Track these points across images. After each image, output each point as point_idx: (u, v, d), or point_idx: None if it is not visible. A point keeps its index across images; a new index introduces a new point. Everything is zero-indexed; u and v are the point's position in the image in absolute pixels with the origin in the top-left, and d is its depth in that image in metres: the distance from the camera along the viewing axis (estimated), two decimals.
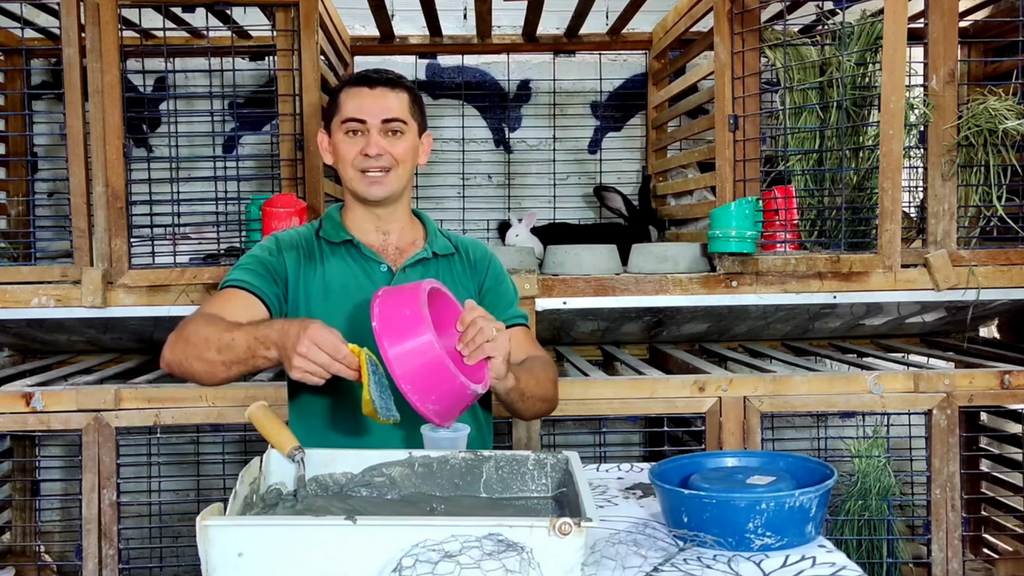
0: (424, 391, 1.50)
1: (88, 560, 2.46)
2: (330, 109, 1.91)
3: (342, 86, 1.91)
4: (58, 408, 2.46)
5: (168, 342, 1.73)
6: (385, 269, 1.87)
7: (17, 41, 3.06)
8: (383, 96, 1.85)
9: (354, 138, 1.85)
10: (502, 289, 1.98)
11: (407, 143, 1.87)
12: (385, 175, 1.85)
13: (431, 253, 1.92)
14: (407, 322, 1.50)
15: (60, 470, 3.48)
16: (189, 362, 1.69)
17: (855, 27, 2.62)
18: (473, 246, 2.01)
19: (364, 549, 1.17)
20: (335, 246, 1.89)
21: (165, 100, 3.50)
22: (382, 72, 1.89)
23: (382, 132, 1.84)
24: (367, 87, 1.86)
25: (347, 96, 1.87)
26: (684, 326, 3.13)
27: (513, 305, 1.99)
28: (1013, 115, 2.53)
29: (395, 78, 1.89)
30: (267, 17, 2.75)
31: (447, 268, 1.93)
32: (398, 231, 1.93)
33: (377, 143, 1.83)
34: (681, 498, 1.47)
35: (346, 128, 1.85)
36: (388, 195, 1.88)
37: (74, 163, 2.56)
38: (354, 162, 1.85)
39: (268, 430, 1.51)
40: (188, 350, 1.68)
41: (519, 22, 3.51)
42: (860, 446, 2.61)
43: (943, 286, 2.58)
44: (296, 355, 1.50)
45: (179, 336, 1.72)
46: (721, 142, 2.64)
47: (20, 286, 2.57)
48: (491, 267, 1.99)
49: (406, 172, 1.89)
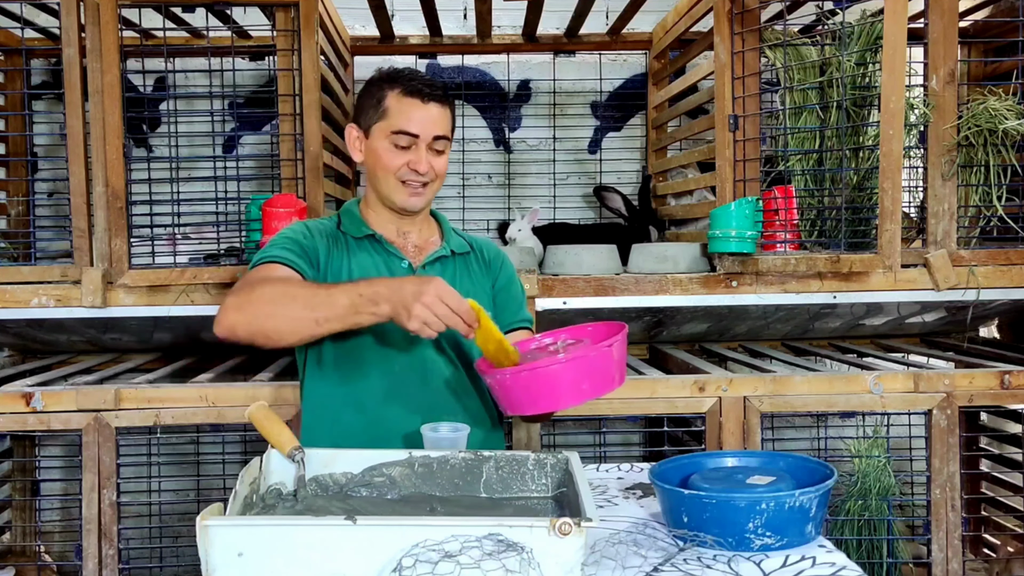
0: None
1: (88, 560, 2.46)
2: (370, 107, 1.86)
3: (389, 87, 1.85)
4: (58, 408, 2.46)
5: (228, 307, 1.68)
6: (406, 265, 1.89)
7: (17, 41, 3.06)
8: (435, 112, 1.83)
9: (401, 151, 1.83)
10: (513, 290, 2.00)
11: (446, 158, 1.89)
12: (424, 188, 1.86)
13: (449, 251, 1.93)
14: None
15: (60, 470, 3.48)
16: (267, 320, 1.64)
17: (855, 27, 2.62)
18: (486, 245, 2.03)
19: (364, 549, 1.17)
20: (358, 240, 1.90)
21: (165, 100, 3.50)
22: (433, 85, 1.85)
23: (429, 148, 1.84)
24: (420, 100, 1.82)
25: (398, 104, 1.83)
26: (684, 326, 3.13)
27: (522, 308, 2.00)
28: (1013, 115, 2.53)
29: (443, 92, 1.86)
30: (267, 17, 2.75)
31: (463, 266, 1.94)
32: (417, 230, 1.95)
33: (427, 161, 1.83)
34: (681, 498, 1.47)
35: (395, 140, 1.82)
36: (425, 207, 1.91)
37: (74, 163, 2.56)
38: (398, 173, 1.84)
39: (268, 430, 1.52)
40: (265, 308, 1.65)
41: (519, 22, 3.51)
42: (860, 446, 2.61)
43: (943, 286, 2.58)
44: (420, 305, 1.54)
45: (247, 297, 1.68)
46: (721, 142, 2.64)
47: (20, 286, 2.57)
48: (504, 267, 2.02)
49: (440, 185, 1.91)
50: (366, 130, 1.87)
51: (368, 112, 1.86)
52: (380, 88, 1.86)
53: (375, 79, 1.88)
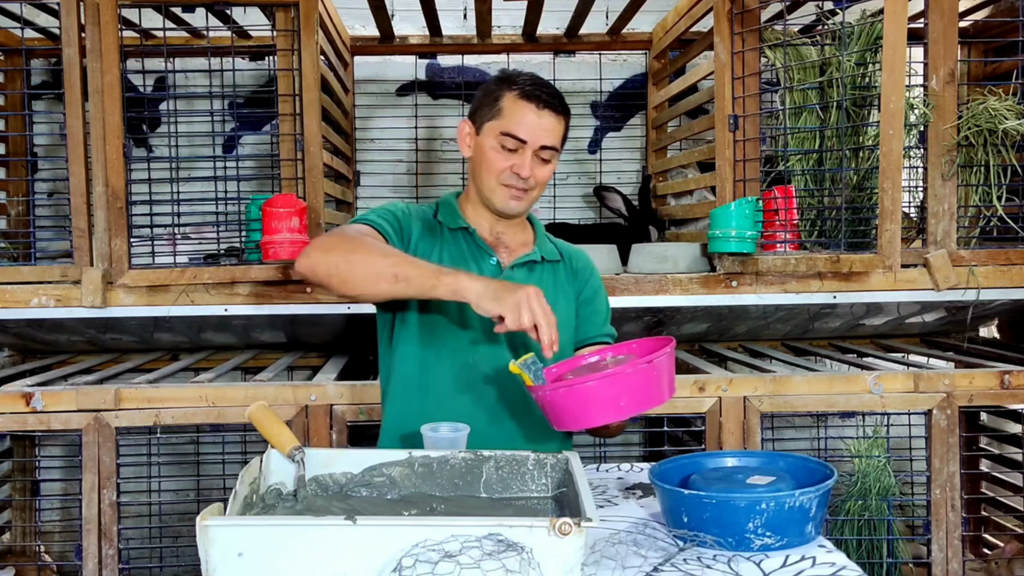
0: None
1: (88, 560, 2.46)
2: (486, 104, 1.86)
3: (508, 88, 1.85)
4: (58, 408, 2.46)
5: (315, 247, 1.72)
6: (495, 263, 1.89)
7: (17, 41, 3.06)
8: (548, 121, 1.82)
9: (508, 153, 1.83)
10: (598, 303, 2.00)
11: (551, 168, 1.88)
12: (524, 194, 1.86)
13: (539, 257, 1.93)
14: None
15: (60, 470, 3.48)
16: (349, 265, 1.67)
17: (855, 27, 2.62)
18: (577, 255, 2.03)
19: (364, 549, 1.17)
20: (452, 231, 1.91)
21: (165, 100, 3.50)
22: (552, 94, 1.84)
23: (535, 155, 1.83)
24: (535, 106, 1.81)
25: (513, 106, 1.82)
26: (684, 326, 3.13)
27: (606, 323, 2.00)
28: (1013, 115, 2.53)
29: (560, 103, 1.85)
30: (267, 17, 2.75)
31: (551, 273, 1.94)
32: (511, 231, 1.95)
33: (531, 168, 1.83)
34: (681, 498, 1.47)
35: (503, 142, 1.82)
36: (522, 212, 1.91)
37: (74, 163, 2.56)
38: (500, 176, 1.84)
39: (268, 430, 1.52)
40: (350, 254, 1.67)
41: (519, 22, 3.51)
42: (860, 446, 2.61)
43: (943, 286, 2.58)
44: (527, 295, 1.56)
45: (336, 241, 1.72)
46: (721, 142, 2.64)
47: (20, 286, 2.57)
48: (591, 279, 2.01)
49: (540, 193, 1.91)
50: (478, 127, 1.87)
51: (483, 109, 1.87)
52: (499, 87, 1.86)
53: (497, 78, 1.89)
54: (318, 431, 2.48)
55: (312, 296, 2.62)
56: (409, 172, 3.79)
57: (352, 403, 2.50)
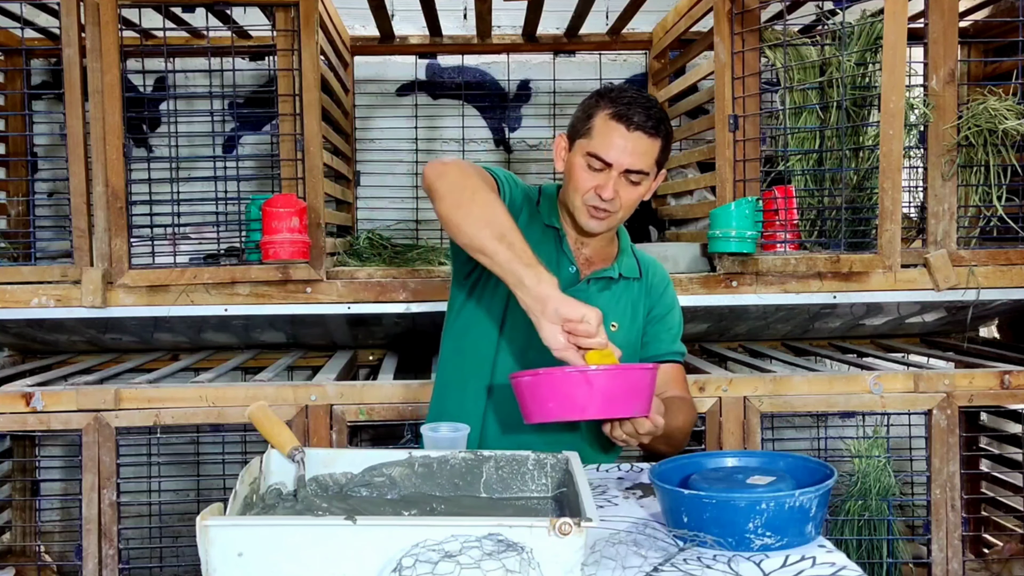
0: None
1: (88, 560, 2.46)
2: (580, 120, 1.84)
3: (603, 105, 1.81)
4: (58, 408, 2.46)
5: (455, 168, 1.71)
6: (574, 271, 1.89)
7: (17, 41, 3.06)
8: (637, 143, 1.77)
9: (594, 173, 1.80)
10: (670, 319, 1.98)
11: (640, 191, 1.83)
12: (607, 215, 1.83)
13: (617, 274, 1.92)
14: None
15: (60, 470, 3.48)
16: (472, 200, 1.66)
17: (855, 27, 2.62)
18: (655, 269, 2.02)
19: (364, 549, 1.17)
20: (545, 225, 1.91)
21: (165, 100, 3.50)
22: (647, 115, 1.78)
23: (622, 177, 1.80)
24: (625, 127, 1.77)
25: (603, 126, 1.79)
26: (684, 326, 3.13)
27: (675, 340, 1.99)
28: (1013, 115, 2.53)
29: (655, 124, 1.79)
30: (267, 17, 2.75)
31: (625, 291, 1.93)
32: (595, 244, 1.94)
33: (614, 190, 1.79)
34: (681, 498, 1.47)
35: (590, 162, 1.80)
36: (604, 232, 1.89)
37: (74, 163, 2.56)
38: (585, 196, 1.82)
39: (268, 430, 1.51)
40: (478, 196, 1.66)
41: (519, 22, 3.51)
42: (860, 446, 2.61)
43: (943, 286, 2.58)
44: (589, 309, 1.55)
45: (474, 176, 1.71)
46: (721, 142, 2.64)
47: (20, 286, 2.57)
48: (665, 294, 2.00)
49: (626, 215, 1.87)
50: (572, 142, 1.86)
51: (577, 125, 1.85)
52: (595, 103, 1.82)
53: (596, 92, 1.85)
54: (318, 431, 2.48)
55: (312, 296, 2.63)
56: (409, 172, 3.79)
57: (352, 403, 2.50)
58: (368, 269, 2.77)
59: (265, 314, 2.69)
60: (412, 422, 2.51)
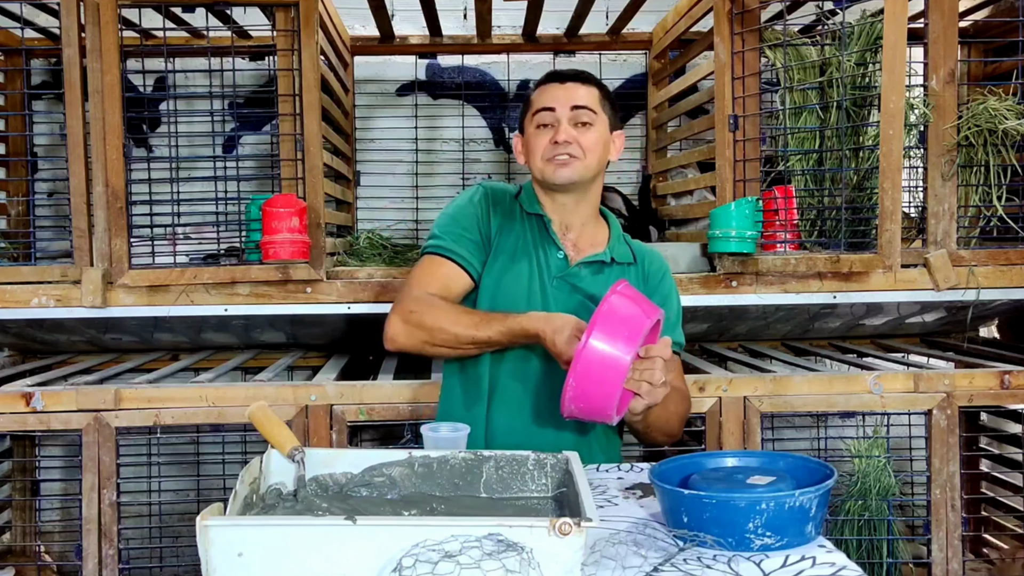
0: (583, 393, 1.59)
1: (88, 560, 2.46)
2: (523, 111, 1.95)
3: (536, 85, 1.97)
4: (58, 408, 2.46)
5: (400, 324, 1.84)
6: (562, 256, 1.91)
7: (17, 41, 3.06)
8: (573, 88, 1.90)
9: (545, 130, 1.87)
10: (667, 307, 1.98)
11: (596, 134, 1.89)
12: (571, 160, 1.87)
13: (609, 258, 1.93)
14: (622, 334, 1.57)
15: (60, 470, 3.48)
16: (432, 348, 1.84)
17: (855, 27, 2.62)
18: (651, 257, 2.03)
19: (364, 549, 1.17)
20: (528, 215, 1.94)
21: (165, 100, 3.50)
22: (574, 70, 1.95)
23: (571, 121, 1.86)
24: (558, 82, 1.91)
25: (538, 93, 1.93)
26: (684, 326, 3.13)
27: (675, 329, 1.99)
28: (1013, 115, 2.53)
29: (585, 75, 1.93)
30: (267, 17, 2.75)
31: (620, 275, 1.93)
32: (579, 227, 1.95)
33: (566, 131, 1.86)
34: (681, 498, 1.47)
35: (537, 121, 1.88)
36: (574, 180, 1.89)
37: (74, 163, 2.56)
38: (543, 152, 1.87)
39: (268, 430, 1.51)
40: (434, 339, 1.82)
41: (519, 22, 3.51)
42: (860, 446, 2.61)
43: (943, 286, 2.58)
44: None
45: (418, 325, 1.82)
46: (721, 142, 2.64)
47: (20, 286, 2.57)
48: (663, 283, 2.00)
49: (594, 162, 1.91)
50: (522, 130, 1.94)
51: (522, 116, 1.95)
52: (531, 91, 1.96)
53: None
54: (318, 431, 2.48)
55: (312, 296, 2.63)
56: (409, 172, 3.79)
57: (352, 403, 2.50)
58: (368, 269, 2.77)
59: (265, 314, 2.69)
60: (412, 422, 2.51)
